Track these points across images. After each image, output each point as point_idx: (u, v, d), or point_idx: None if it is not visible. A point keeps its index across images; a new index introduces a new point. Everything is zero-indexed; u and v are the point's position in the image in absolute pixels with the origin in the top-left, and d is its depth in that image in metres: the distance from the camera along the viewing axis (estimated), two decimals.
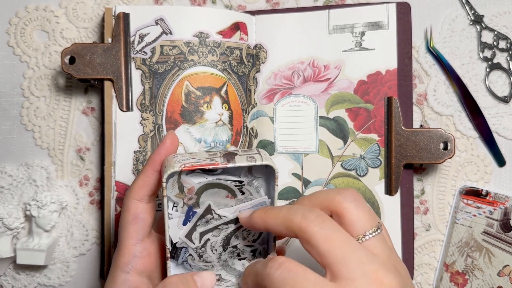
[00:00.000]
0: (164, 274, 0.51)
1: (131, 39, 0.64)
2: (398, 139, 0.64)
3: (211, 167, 0.46)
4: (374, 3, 0.67)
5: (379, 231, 0.43)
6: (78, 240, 0.69)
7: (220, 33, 0.66)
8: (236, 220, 0.50)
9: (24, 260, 0.65)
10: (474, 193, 0.66)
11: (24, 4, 0.70)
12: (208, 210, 0.49)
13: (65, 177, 0.70)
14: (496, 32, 0.67)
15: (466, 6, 0.68)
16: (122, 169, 0.64)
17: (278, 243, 0.53)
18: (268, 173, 0.49)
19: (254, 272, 0.44)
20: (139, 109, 0.64)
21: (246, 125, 0.67)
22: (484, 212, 0.66)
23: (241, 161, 0.46)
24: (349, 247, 0.40)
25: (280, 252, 0.53)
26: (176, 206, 0.49)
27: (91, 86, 0.69)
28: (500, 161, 0.68)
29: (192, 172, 0.48)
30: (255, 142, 0.68)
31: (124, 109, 0.64)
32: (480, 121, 0.67)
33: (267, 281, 0.41)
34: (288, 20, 0.68)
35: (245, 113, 0.67)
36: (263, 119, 0.68)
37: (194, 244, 0.50)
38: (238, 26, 0.66)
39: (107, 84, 0.64)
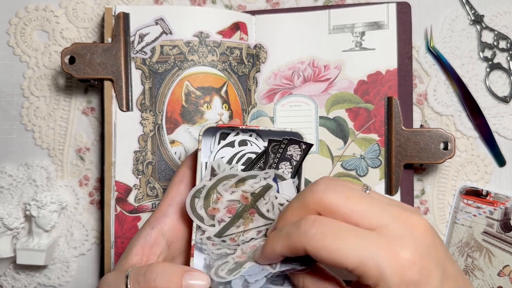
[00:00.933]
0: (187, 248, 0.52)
1: (131, 39, 0.64)
2: (398, 139, 0.64)
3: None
4: (374, 3, 0.67)
5: (370, 187, 0.43)
6: (78, 240, 0.69)
7: (220, 33, 0.66)
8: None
9: (24, 260, 0.65)
10: (474, 193, 0.66)
11: (24, 4, 0.70)
12: None
13: (65, 177, 0.70)
14: (496, 32, 0.67)
15: (466, 6, 0.68)
16: (122, 169, 0.64)
17: None
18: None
19: (284, 235, 0.42)
20: (139, 109, 0.64)
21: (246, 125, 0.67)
22: (484, 212, 0.66)
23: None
24: (367, 198, 0.41)
25: None
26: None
27: (91, 86, 0.69)
28: (500, 161, 0.68)
29: None
30: None
31: (124, 109, 0.64)
32: (480, 121, 0.67)
33: (304, 239, 0.39)
34: (288, 20, 0.68)
35: (245, 113, 0.67)
36: (263, 119, 0.68)
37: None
38: (238, 26, 0.66)
39: (107, 84, 0.64)
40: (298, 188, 0.52)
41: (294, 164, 0.51)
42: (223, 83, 0.65)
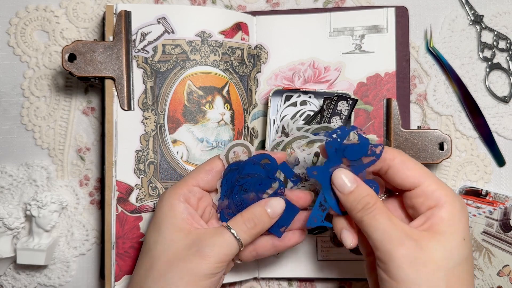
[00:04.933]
0: None
1: (133, 37, 0.64)
2: (397, 140, 0.65)
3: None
4: (373, 7, 0.68)
5: None
6: (78, 240, 0.69)
7: (222, 33, 0.66)
8: None
9: (24, 260, 0.65)
10: (474, 193, 0.67)
11: (24, 4, 0.70)
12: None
13: (65, 177, 0.69)
14: (496, 32, 0.68)
15: (466, 6, 0.68)
16: (123, 169, 0.63)
17: None
18: None
19: None
20: (140, 108, 0.64)
21: (247, 125, 0.67)
22: (484, 212, 0.66)
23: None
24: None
25: None
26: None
27: (91, 86, 0.69)
28: (500, 161, 0.68)
29: None
30: (256, 142, 0.68)
31: (126, 108, 0.63)
32: (480, 121, 0.68)
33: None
34: (289, 21, 0.68)
35: (246, 113, 0.67)
36: (264, 119, 0.68)
37: None
38: (239, 26, 0.67)
39: (108, 83, 0.63)
40: None
41: (343, 118, 0.62)
42: (225, 83, 0.65)
